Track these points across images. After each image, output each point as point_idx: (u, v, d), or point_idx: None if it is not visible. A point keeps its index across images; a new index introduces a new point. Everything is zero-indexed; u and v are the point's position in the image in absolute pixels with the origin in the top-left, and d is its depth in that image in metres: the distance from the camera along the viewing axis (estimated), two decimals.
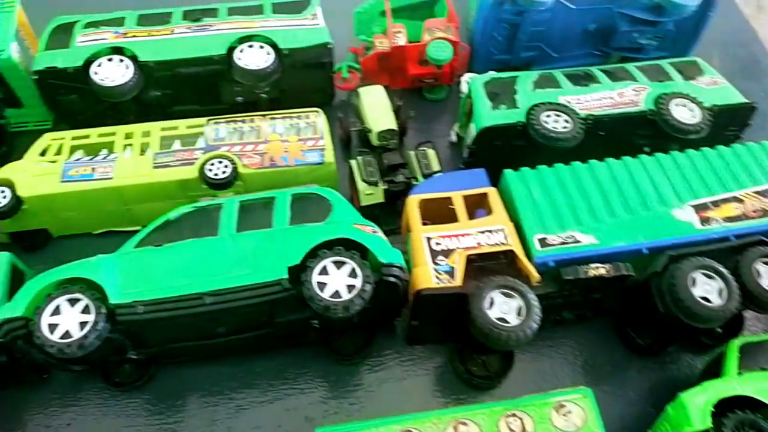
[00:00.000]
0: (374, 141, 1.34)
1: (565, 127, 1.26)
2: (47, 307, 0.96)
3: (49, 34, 1.36)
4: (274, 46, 1.35)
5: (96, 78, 1.28)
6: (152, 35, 1.35)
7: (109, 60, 1.31)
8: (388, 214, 1.33)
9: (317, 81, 1.44)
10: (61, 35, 1.35)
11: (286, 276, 1.00)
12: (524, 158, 1.28)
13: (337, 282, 0.99)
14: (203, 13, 1.39)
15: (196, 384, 1.17)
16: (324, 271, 1.00)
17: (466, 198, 1.19)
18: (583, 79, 1.37)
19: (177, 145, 1.28)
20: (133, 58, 1.31)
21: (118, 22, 1.37)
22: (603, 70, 1.40)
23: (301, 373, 1.19)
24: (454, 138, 1.49)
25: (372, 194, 1.28)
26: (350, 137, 1.45)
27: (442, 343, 1.22)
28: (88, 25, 1.36)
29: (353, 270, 1.00)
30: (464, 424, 0.98)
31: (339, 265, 1.01)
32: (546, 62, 1.55)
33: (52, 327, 0.95)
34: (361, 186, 1.27)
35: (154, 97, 1.37)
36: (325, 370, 1.20)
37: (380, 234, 1.08)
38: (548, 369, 1.22)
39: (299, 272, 1.01)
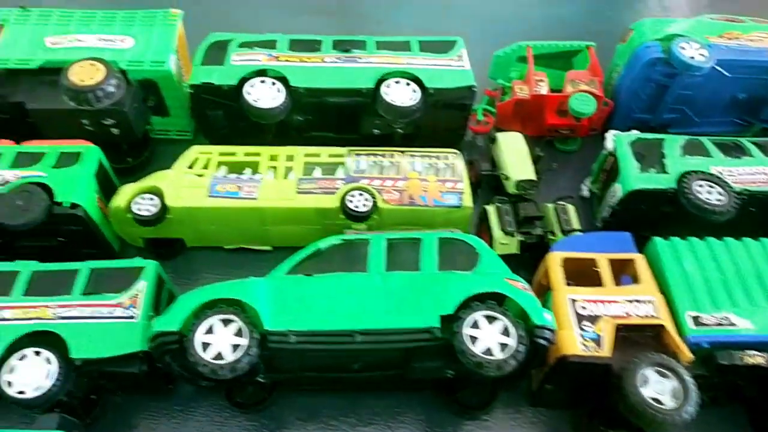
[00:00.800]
0: (511, 189, 1.32)
1: (719, 200, 1.21)
2: (201, 325, 0.97)
3: (206, 49, 1.40)
4: (420, 83, 1.35)
5: (249, 98, 1.31)
6: (303, 61, 1.37)
7: (262, 82, 1.34)
8: (515, 266, 1.29)
9: (453, 121, 1.43)
10: (217, 52, 1.38)
11: (437, 324, 0.98)
12: (666, 225, 1.24)
13: (490, 338, 0.96)
14: (352, 44, 1.41)
15: (313, 414, 1.16)
16: (475, 325, 0.98)
17: (612, 262, 1.15)
18: (733, 150, 1.32)
19: (318, 172, 1.29)
20: (285, 83, 1.34)
21: (271, 44, 1.40)
22: (754, 143, 1.34)
23: (419, 419, 1.16)
24: (586, 193, 1.45)
25: (507, 244, 1.25)
26: (479, 181, 1.44)
27: (567, 409, 1.17)
28: (243, 44, 1.40)
29: (505, 328, 0.97)
30: None
31: (491, 320, 0.98)
32: (685, 125, 1.50)
33: (205, 346, 0.96)
34: (498, 234, 1.25)
35: (295, 121, 1.39)
36: (442, 420, 1.17)
37: (531, 291, 1.05)
38: None
39: (449, 322, 0.98)
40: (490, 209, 1.29)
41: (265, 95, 1.32)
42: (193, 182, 1.25)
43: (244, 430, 1.14)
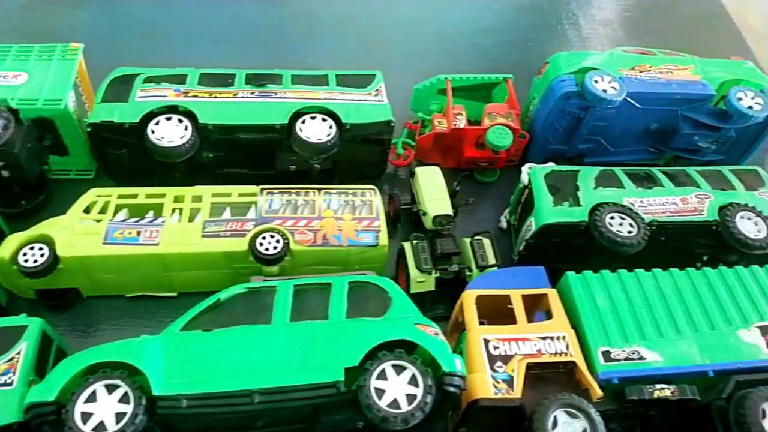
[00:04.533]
0: (428, 224, 1.30)
1: (630, 232, 1.22)
2: (83, 393, 0.88)
3: (108, 85, 1.33)
4: (336, 119, 1.32)
5: (152, 137, 1.24)
6: (214, 97, 1.32)
7: (168, 119, 1.27)
8: (433, 300, 1.28)
9: (373, 156, 1.41)
10: (120, 87, 1.31)
11: (342, 378, 0.93)
12: (580, 257, 1.25)
13: (397, 390, 0.92)
14: (267, 78, 1.37)
15: None
16: (382, 375, 0.94)
17: (525, 298, 1.14)
18: (645, 181, 1.35)
19: (227, 213, 1.23)
20: (193, 119, 1.28)
21: (180, 79, 1.34)
22: (664, 173, 1.37)
23: None
24: (504, 224, 1.45)
25: (423, 282, 1.22)
26: (399, 215, 1.41)
27: None
28: (149, 79, 1.34)
29: (414, 377, 0.94)
30: None
31: (399, 369, 0.94)
32: (601, 155, 1.54)
33: (86, 416, 0.87)
34: (414, 273, 1.22)
35: (206, 158, 1.33)
36: None
37: (441, 336, 1.02)
38: None
39: (356, 373, 0.94)
40: (407, 246, 1.26)
41: (170, 133, 1.26)
42: (88, 229, 1.17)
43: None
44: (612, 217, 1.24)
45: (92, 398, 0.89)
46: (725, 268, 1.22)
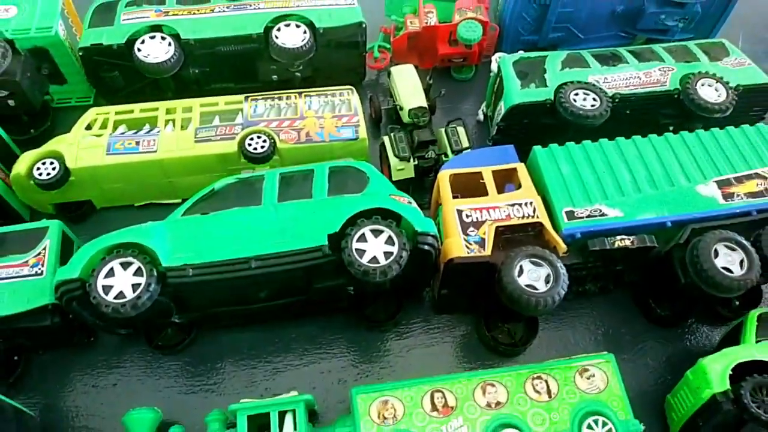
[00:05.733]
0: (405, 118, 1.38)
1: (593, 105, 1.29)
2: (102, 269, 1.02)
3: (93, 12, 1.41)
4: (310, 25, 1.38)
5: (139, 55, 1.33)
6: (192, 14, 1.39)
7: (152, 37, 1.35)
8: (417, 190, 1.37)
9: (350, 60, 1.48)
10: (105, 13, 1.40)
11: (326, 243, 1.04)
12: (552, 135, 1.31)
13: (375, 249, 1.04)
14: None
15: (235, 348, 1.23)
16: (362, 239, 1.05)
17: (496, 173, 1.23)
18: (611, 60, 1.40)
19: (216, 120, 1.33)
20: (175, 36, 1.36)
21: (159, 0, 1.42)
22: (630, 51, 1.42)
23: (334, 339, 1.25)
24: (481, 117, 1.53)
25: (403, 169, 1.32)
26: (381, 115, 1.50)
27: (469, 312, 1.27)
28: (130, 3, 1.41)
29: (390, 237, 1.05)
30: (492, 385, 1.03)
31: (377, 233, 1.05)
32: (572, 43, 1.58)
33: (107, 288, 1.01)
34: (393, 161, 1.31)
35: (193, 75, 1.42)
36: (357, 337, 1.25)
37: (414, 205, 1.12)
38: (570, 338, 1.26)
39: (339, 240, 1.05)
40: (386, 139, 1.35)
41: (156, 50, 1.35)
42: (91, 143, 1.28)
43: (168, 371, 1.20)
44: (576, 94, 1.31)
45: (110, 274, 1.02)
46: (686, 132, 1.29)
